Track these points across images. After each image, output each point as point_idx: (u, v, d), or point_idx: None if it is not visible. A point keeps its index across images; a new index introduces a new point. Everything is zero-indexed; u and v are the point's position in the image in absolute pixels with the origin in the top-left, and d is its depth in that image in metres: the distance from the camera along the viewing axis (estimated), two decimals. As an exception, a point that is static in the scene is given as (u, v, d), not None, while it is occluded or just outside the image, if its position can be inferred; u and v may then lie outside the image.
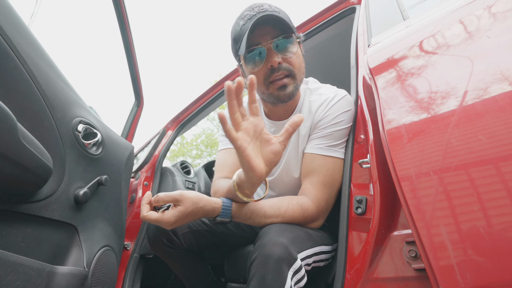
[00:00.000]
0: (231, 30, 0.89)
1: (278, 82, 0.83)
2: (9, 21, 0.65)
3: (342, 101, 0.89)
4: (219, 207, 0.73)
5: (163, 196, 0.69)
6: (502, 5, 0.55)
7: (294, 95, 0.87)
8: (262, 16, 0.79)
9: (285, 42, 0.82)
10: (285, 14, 0.86)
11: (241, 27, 0.83)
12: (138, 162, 1.62)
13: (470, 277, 0.42)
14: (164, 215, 0.68)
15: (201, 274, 1.10)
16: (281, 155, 0.66)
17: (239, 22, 0.84)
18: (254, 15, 0.81)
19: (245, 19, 0.82)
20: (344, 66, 1.56)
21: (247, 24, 0.81)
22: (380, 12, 1.01)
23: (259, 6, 0.83)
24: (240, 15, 0.85)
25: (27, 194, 0.67)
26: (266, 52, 0.82)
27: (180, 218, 0.69)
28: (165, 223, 0.68)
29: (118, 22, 1.29)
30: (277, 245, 0.64)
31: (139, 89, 1.49)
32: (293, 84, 0.85)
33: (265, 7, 0.82)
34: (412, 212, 0.50)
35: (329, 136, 0.86)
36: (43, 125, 0.72)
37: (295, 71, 0.85)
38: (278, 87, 0.84)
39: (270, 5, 0.84)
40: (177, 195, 0.69)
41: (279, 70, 0.82)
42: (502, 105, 0.45)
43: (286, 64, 0.83)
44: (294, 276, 0.64)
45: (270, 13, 0.80)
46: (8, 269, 0.58)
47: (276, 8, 0.85)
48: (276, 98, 0.86)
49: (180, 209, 0.69)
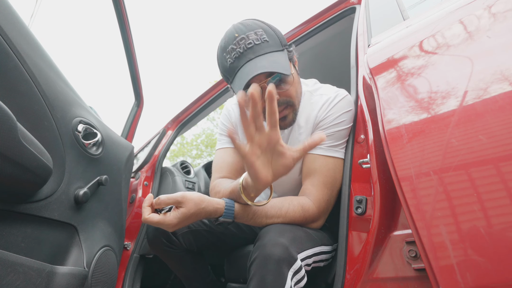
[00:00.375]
0: (216, 58, 0.85)
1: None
2: (9, 21, 0.65)
3: (343, 101, 0.88)
4: (222, 208, 0.73)
5: (164, 199, 0.69)
6: (502, 5, 0.55)
7: (294, 121, 0.87)
8: (252, 56, 0.76)
9: (280, 79, 0.80)
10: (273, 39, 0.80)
11: (229, 65, 0.79)
12: (138, 162, 1.62)
13: (470, 277, 0.42)
14: (166, 217, 0.68)
15: (201, 274, 1.10)
16: (291, 169, 0.65)
17: (225, 57, 0.80)
18: (242, 53, 0.77)
19: (232, 56, 0.78)
20: (344, 66, 1.57)
21: (236, 63, 0.78)
22: (380, 12, 1.00)
23: (244, 38, 0.77)
24: (224, 46, 0.80)
25: (27, 194, 0.67)
26: (262, 91, 0.78)
27: (182, 220, 0.68)
28: (167, 225, 0.67)
29: (118, 22, 1.29)
30: (277, 246, 0.64)
31: (139, 89, 1.49)
32: (292, 112, 0.85)
33: (251, 39, 0.77)
34: (412, 212, 0.50)
35: (330, 136, 0.86)
36: (43, 125, 0.72)
37: (293, 101, 0.84)
38: (279, 118, 0.83)
39: (256, 32, 0.78)
40: (179, 196, 0.69)
41: (278, 105, 0.81)
42: (502, 105, 0.45)
43: (283, 98, 0.82)
44: (294, 277, 0.64)
45: (258, 52, 0.77)
46: (8, 269, 0.58)
47: (262, 33, 0.79)
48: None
49: (182, 211, 0.68)
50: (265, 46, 0.79)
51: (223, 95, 1.59)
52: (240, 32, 0.79)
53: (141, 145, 1.83)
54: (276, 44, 0.81)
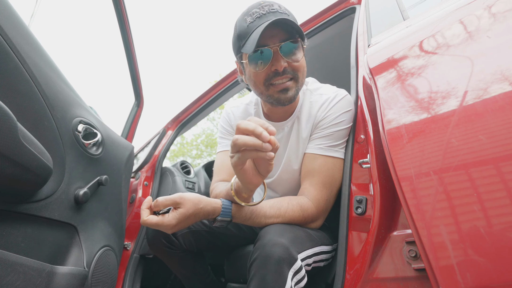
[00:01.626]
0: (235, 24, 0.85)
1: (280, 85, 0.82)
2: (9, 21, 0.65)
3: (343, 101, 0.88)
4: (219, 207, 0.73)
5: (162, 200, 0.68)
6: (502, 5, 0.55)
7: (294, 99, 0.86)
8: (273, 18, 0.77)
9: (292, 47, 0.80)
10: (294, 18, 0.83)
11: (248, 24, 0.80)
12: (138, 162, 1.62)
13: (470, 277, 0.42)
14: (165, 218, 0.67)
15: (201, 274, 1.10)
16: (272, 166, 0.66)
17: (246, 19, 0.81)
18: (264, 14, 0.79)
19: (254, 17, 0.79)
20: (344, 66, 1.56)
21: (256, 23, 0.79)
22: (380, 12, 1.00)
23: (269, 5, 0.81)
24: (247, 11, 0.82)
25: (27, 194, 0.67)
26: (272, 55, 0.79)
27: (181, 221, 0.68)
28: (166, 226, 0.67)
29: (118, 22, 1.29)
30: (277, 246, 0.64)
31: (139, 89, 1.49)
32: (295, 87, 0.84)
33: (275, 7, 0.80)
34: (412, 212, 0.50)
35: (330, 136, 0.86)
36: (43, 125, 0.72)
37: (299, 75, 0.84)
38: (280, 90, 0.82)
39: (280, 6, 0.82)
40: (177, 197, 0.69)
41: (283, 73, 0.81)
42: (502, 105, 0.45)
43: (291, 68, 0.82)
44: (295, 277, 0.64)
45: (280, 15, 0.78)
46: (8, 269, 0.58)
47: (286, 10, 0.83)
48: (276, 100, 0.85)
49: (181, 211, 0.68)
50: (287, 16, 0.80)
51: (223, 95, 1.59)
52: (267, 1, 0.82)
53: (141, 145, 1.83)
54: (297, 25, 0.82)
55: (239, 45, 0.83)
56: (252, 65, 0.83)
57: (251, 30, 0.79)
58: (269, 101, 0.87)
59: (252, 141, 0.57)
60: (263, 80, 0.83)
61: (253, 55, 0.81)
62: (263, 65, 0.81)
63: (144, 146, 1.79)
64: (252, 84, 0.87)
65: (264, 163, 0.65)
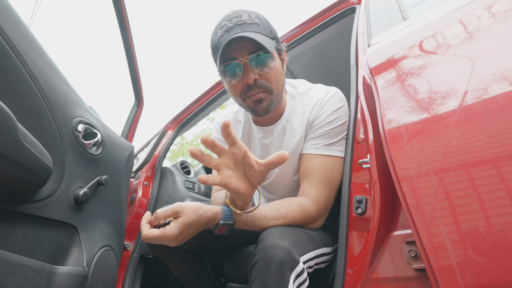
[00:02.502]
0: (210, 37, 0.86)
1: (253, 97, 0.83)
2: (9, 21, 0.65)
3: (333, 98, 0.89)
4: (220, 212, 0.72)
5: (162, 212, 0.66)
6: (502, 5, 0.55)
7: (270, 109, 0.86)
8: (239, 31, 0.77)
9: (262, 57, 0.80)
10: (264, 25, 0.82)
11: (218, 38, 0.81)
12: (138, 162, 1.62)
13: (470, 277, 0.42)
14: (166, 230, 0.65)
15: (201, 274, 1.10)
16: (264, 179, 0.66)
17: (217, 32, 0.82)
18: (231, 27, 0.78)
19: (223, 30, 0.80)
20: (344, 66, 1.56)
21: (224, 37, 0.79)
22: (380, 12, 1.00)
23: (238, 16, 0.80)
24: (218, 24, 0.83)
25: (27, 194, 0.67)
26: (242, 68, 0.80)
27: (183, 230, 0.66)
28: (168, 237, 0.65)
29: (118, 22, 1.29)
30: (279, 249, 0.63)
31: (139, 89, 1.49)
32: (269, 98, 0.84)
33: (243, 18, 0.79)
34: (412, 212, 0.50)
35: (325, 135, 0.87)
36: (43, 125, 0.72)
37: (271, 87, 0.83)
38: (254, 100, 0.84)
39: (250, 15, 0.81)
40: (176, 207, 0.67)
41: (255, 87, 0.81)
42: (502, 105, 0.45)
43: (262, 81, 0.82)
44: (296, 280, 0.64)
45: (248, 26, 0.78)
46: (8, 269, 0.58)
47: (256, 18, 0.82)
48: (252, 111, 0.87)
49: (182, 220, 0.66)
50: (255, 27, 0.80)
51: (223, 95, 1.59)
52: (235, 12, 0.82)
53: (141, 145, 1.83)
54: (266, 31, 0.82)
55: (214, 58, 0.85)
56: (226, 79, 0.84)
57: (220, 44, 0.79)
58: (248, 111, 0.89)
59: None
60: (238, 93, 0.85)
61: (225, 69, 0.81)
62: (235, 78, 0.82)
63: (144, 146, 1.79)
64: (231, 96, 0.89)
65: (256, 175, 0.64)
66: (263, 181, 0.66)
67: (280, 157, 0.60)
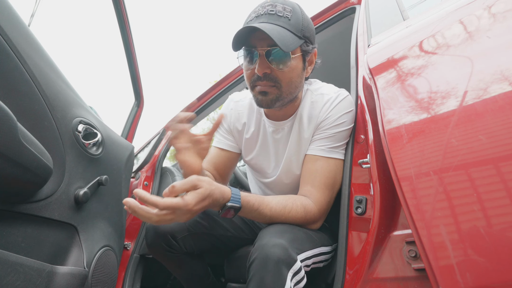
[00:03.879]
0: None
1: (260, 87, 0.83)
2: (9, 21, 0.65)
3: (344, 101, 0.88)
4: (229, 193, 0.71)
5: (180, 186, 0.64)
6: (502, 5, 0.55)
7: (273, 105, 0.84)
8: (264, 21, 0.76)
9: (279, 53, 0.78)
10: (297, 21, 0.80)
11: (248, 20, 0.81)
12: (138, 162, 1.62)
13: (470, 277, 0.42)
14: (182, 198, 0.63)
15: (201, 276, 1.10)
16: (208, 148, 0.85)
17: (251, 14, 0.82)
18: (261, 15, 0.78)
19: (253, 15, 0.80)
20: (344, 66, 1.56)
21: (252, 22, 0.79)
22: (380, 12, 1.01)
23: (271, 5, 0.79)
24: (255, 7, 0.83)
25: (27, 194, 0.67)
26: (258, 58, 0.79)
27: (199, 201, 0.64)
28: (185, 206, 0.62)
29: (118, 22, 1.29)
30: (276, 247, 0.64)
31: (139, 89, 1.49)
32: (274, 94, 0.82)
33: (275, 9, 0.78)
34: (412, 212, 0.50)
35: (331, 137, 0.86)
36: (43, 125, 0.72)
37: (281, 84, 0.82)
38: (260, 91, 0.83)
39: (285, 7, 0.79)
40: (195, 179, 0.66)
41: (264, 79, 0.81)
42: (502, 105, 0.45)
43: (273, 75, 0.80)
44: (294, 278, 0.64)
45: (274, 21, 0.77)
46: (8, 269, 0.58)
47: (290, 12, 0.79)
48: (256, 101, 0.86)
49: (199, 191, 0.64)
50: (284, 20, 0.78)
51: (223, 95, 1.59)
52: (272, 0, 0.81)
53: (141, 145, 1.83)
54: (296, 28, 0.79)
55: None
56: (242, 63, 0.85)
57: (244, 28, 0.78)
58: (254, 100, 0.89)
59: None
60: (249, 80, 0.85)
61: (244, 53, 0.83)
62: (250, 65, 0.82)
63: (144, 146, 1.79)
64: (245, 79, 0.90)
65: (201, 144, 0.83)
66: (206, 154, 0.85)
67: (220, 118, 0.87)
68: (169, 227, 0.94)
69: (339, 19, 1.32)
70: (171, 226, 0.94)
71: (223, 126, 1.06)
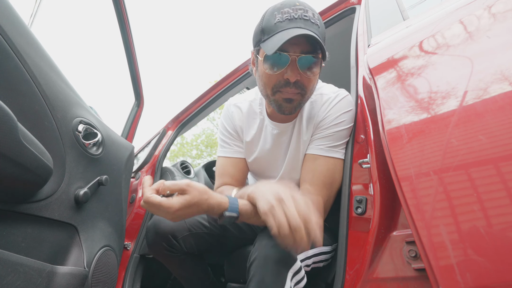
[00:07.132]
0: (264, 14, 0.81)
1: (286, 94, 0.80)
2: (9, 21, 0.65)
3: (343, 101, 0.88)
4: (226, 202, 0.70)
5: (169, 185, 0.65)
6: (502, 5, 0.55)
7: (295, 111, 0.84)
8: (302, 26, 0.74)
9: (311, 61, 0.78)
10: (322, 29, 0.81)
11: (276, 22, 0.76)
12: (138, 162, 1.62)
13: (470, 277, 0.42)
14: (169, 200, 0.63)
15: (201, 276, 1.10)
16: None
17: (275, 15, 0.77)
18: (296, 19, 0.75)
19: (284, 17, 0.76)
20: (344, 66, 1.56)
21: (283, 24, 0.75)
22: (380, 12, 1.01)
23: (303, 10, 0.77)
24: (280, 6, 0.78)
25: (27, 194, 0.67)
26: (289, 63, 0.77)
27: (183, 207, 0.64)
28: (168, 208, 0.63)
29: (118, 22, 1.29)
30: (276, 246, 0.64)
31: (139, 89, 1.49)
32: (298, 100, 0.82)
33: (308, 15, 0.77)
34: (412, 212, 0.50)
35: (330, 136, 0.86)
36: (44, 125, 0.72)
37: (307, 91, 0.82)
38: (285, 98, 0.81)
39: (314, 14, 0.78)
40: (184, 184, 0.65)
41: (293, 86, 0.79)
42: (502, 105, 0.45)
43: (301, 82, 0.79)
44: (294, 277, 0.64)
45: (311, 26, 0.76)
46: (8, 269, 0.58)
47: (318, 19, 0.79)
48: (278, 107, 0.84)
49: (186, 197, 0.64)
50: (316, 28, 0.77)
51: (223, 95, 1.59)
52: (302, 4, 0.79)
53: (141, 145, 1.83)
54: (323, 36, 0.79)
55: (260, 38, 0.80)
56: (266, 66, 0.80)
57: (276, 30, 0.76)
58: (272, 106, 0.86)
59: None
60: (272, 84, 0.81)
61: (270, 57, 0.77)
62: (277, 69, 0.78)
63: (144, 146, 1.79)
64: (261, 83, 0.85)
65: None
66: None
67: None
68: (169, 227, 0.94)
69: (339, 19, 1.32)
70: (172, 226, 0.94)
71: (228, 131, 1.03)
